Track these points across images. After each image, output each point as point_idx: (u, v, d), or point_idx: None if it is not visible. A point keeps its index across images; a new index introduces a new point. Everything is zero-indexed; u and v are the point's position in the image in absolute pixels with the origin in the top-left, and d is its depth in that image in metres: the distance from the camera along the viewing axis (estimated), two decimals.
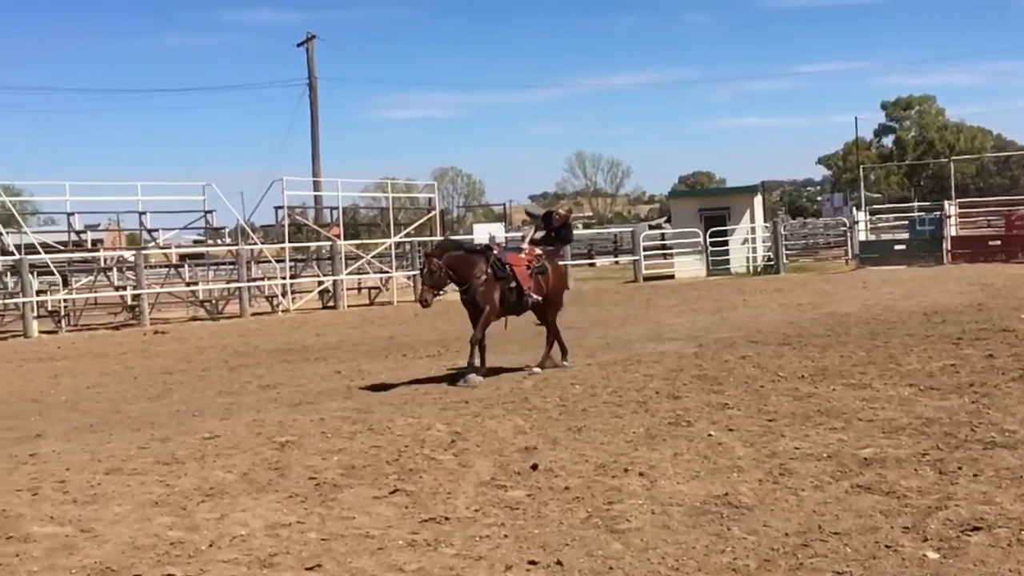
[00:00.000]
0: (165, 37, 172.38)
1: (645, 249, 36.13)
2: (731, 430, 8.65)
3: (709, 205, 37.99)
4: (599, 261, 47.13)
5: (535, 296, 13.26)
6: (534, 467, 7.70)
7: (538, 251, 13.77)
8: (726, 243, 35.98)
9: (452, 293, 13.92)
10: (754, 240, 36.82)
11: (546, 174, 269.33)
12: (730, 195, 40.22)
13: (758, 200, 38.64)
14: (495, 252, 13.44)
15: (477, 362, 12.79)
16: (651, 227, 50.79)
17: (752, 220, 36.81)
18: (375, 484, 7.52)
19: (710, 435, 8.47)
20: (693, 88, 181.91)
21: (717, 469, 7.43)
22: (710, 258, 35.77)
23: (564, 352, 13.64)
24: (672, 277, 35.10)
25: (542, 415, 9.83)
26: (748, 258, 36.24)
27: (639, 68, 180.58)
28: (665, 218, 55.91)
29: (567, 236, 14.99)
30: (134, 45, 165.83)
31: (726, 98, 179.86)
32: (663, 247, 39.33)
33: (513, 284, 13.10)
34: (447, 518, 6.57)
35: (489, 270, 12.92)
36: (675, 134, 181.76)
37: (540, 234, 14.37)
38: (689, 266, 35.71)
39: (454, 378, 12.67)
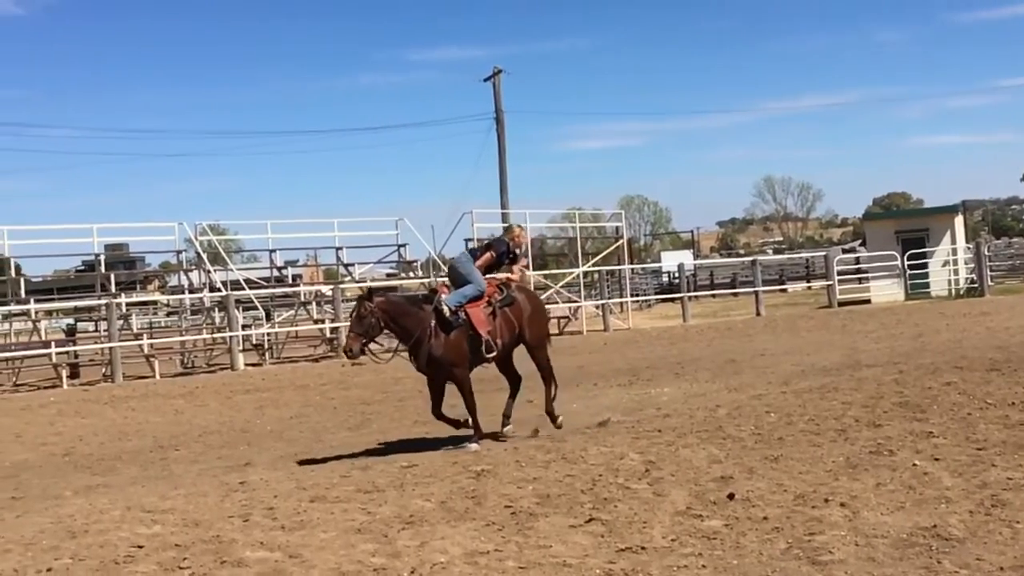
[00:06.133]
0: (358, 78, 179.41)
1: (839, 273, 35.30)
2: (937, 459, 8.31)
3: (906, 227, 36.76)
4: (791, 287, 46.29)
5: (492, 340, 11.75)
6: (731, 496, 7.57)
7: (501, 277, 12.37)
8: (925, 265, 34.72)
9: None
10: (955, 262, 35.35)
11: (734, 199, 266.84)
12: (928, 216, 38.74)
13: (959, 220, 37.14)
14: (440, 295, 11.73)
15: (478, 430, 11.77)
16: (845, 251, 49.54)
17: (953, 241, 35.38)
18: (570, 513, 7.52)
19: (915, 465, 8.16)
20: (886, 107, 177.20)
21: (923, 500, 7.15)
22: (908, 281, 34.57)
23: (551, 397, 12.43)
24: (868, 302, 34.05)
25: (737, 444, 9.66)
26: (949, 281, 34.84)
27: (829, 88, 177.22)
28: (859, 241, 54.40)
29: (515, 257, 13.13)
30: (329, 86, 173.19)
31: (921, 116, 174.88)
32: (858, 271, 38.25)
33: (471, 331, 11.63)
34: (644, 547, 6.52)
35: (433, 321, 11.36)
36: (868, 155, 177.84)
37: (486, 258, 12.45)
38: (886, 290, 34.59)
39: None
